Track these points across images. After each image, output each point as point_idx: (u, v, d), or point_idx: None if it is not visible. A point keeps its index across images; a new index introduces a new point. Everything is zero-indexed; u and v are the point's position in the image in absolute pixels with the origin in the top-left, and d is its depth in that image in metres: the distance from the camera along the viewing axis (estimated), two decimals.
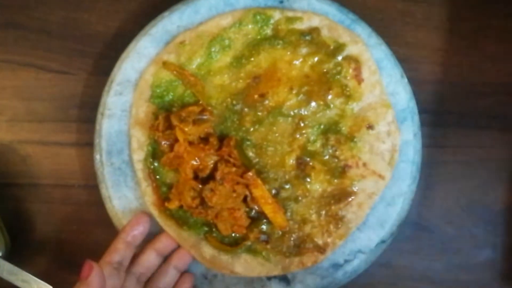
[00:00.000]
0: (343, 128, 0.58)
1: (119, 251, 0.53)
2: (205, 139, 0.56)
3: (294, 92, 0.58)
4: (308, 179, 0.57)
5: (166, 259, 0.57)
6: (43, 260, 0.61)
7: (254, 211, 0.56)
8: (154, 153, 0.57)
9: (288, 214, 0.57)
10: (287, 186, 0.57)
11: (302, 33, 0.58)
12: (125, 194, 0.58)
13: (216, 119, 0.57)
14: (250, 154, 0.57)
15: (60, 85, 0.62)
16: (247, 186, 0.55)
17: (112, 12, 0.62)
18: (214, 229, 0.57)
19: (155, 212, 0.57)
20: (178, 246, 0.57)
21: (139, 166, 0.57)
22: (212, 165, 0.55)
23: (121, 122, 0.58)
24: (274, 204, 0.55)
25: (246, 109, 0.57)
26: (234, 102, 0.58)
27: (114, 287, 0.52)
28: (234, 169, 0.55)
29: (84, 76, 0.62)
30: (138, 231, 0.55)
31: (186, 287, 0.56)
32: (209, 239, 0.57)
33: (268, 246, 0.56)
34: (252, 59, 0.58)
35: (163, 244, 0.56)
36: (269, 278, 0.58)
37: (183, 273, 0.57)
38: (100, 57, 0.62)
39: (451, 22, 0.64)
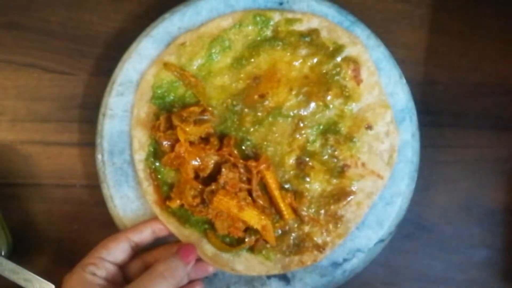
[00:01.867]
0: (342, 129, 0.58)
1: (143, 234, 0.55)
2: (205, 139, 0.57)
3: (293, 92, 0.58)
4: (308, 179, 0.58)
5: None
6: (45, 259, 0.61)
7: None
8: (155, 153, 0.57)
9: None
10: (286, 186, 0.58)
11: (302, 35, 0.58)
12: (126, 193, 0.58)
13: (216, 119, 0.58)
14: (250, 154, 0.58)
15: (61, 85, 0.62)
16: (249, 192, 0.56)
17: (113, 13, 0.62)
18: (213, 229, 0.57)
19: (156, 210, 0.57)
20: (199, 258, 0.56)
21: (140, 166, 0.57)
22: (212, 165, 0.56)
23: (122, 122, 0.58)
24: (266, 221, 0.56)
25: (246, 110, 0.58)
26: (234, 102, 0.58)
27: (123, 261, 0.54)
28: (238, 174, 0.55)
29: (86, 77, 0.62)
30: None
31: None
32: (209, 236, 0.57)
33: (268, 245, 0.57)
34: (252, 60, 0.58)
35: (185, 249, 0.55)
36: (269, 277, 0.58)
37: (193, 280, 0.57)
38: (102, 58, 0.62)
39: (449, 23, 0.64)
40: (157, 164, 0.57)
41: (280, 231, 0.57)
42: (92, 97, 0.61)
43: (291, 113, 0.58)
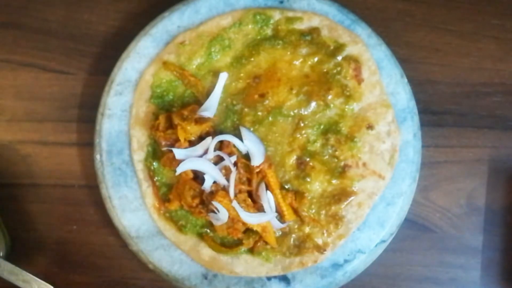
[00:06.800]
0: (343, 128, 0.58)
1: None
2: (203, 139, 0.57)
3: (294, 92, 0.58)
4: (308, 179, 0.57)
5: None
6: (43, 260, 0.61)
7: None
8: (154, 154, 0.57)
9: None
10: (287, 186, 0.57)
11: (302, 33, 0.58)
12: (125, 194, 0.58)
13: (216, 119, 0.57)
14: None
15: (60, 85, 0.62)
16: (249, 193, 0.55)
17: (112, 12, 0.62)
18: (212, 230, 0.57)
19: (154, 216, 0.57)
20: None
21: (139, 166, 0.57)
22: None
23: (121, 122, 0.58)
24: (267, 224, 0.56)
25: (246, 109, 0.58)
26: (234, 102, 0.58)
27: None
28: (238, 175, 0.55)
29: (84, 76, 0.62)
30: None
31: None
32: (206, 239, 0.57)
33: (268, 247, 0.56)
34: (252, 59, 0.58)
35: None
36: (269, 278, 0.58)
37: None
38: (100, 57, 0.62)
39: (450, 22, 0.64)
40: (156, 164, 0.57)
41: (280, 232, 0.57)
42: (91, 96, 0.61)
43: (292, 113, 0.58)
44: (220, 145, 0.56)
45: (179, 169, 0.55)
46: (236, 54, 0.58)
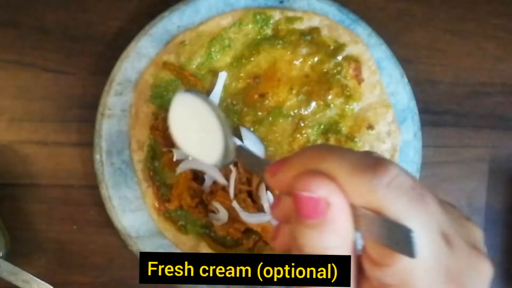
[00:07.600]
0: (343, 128, 0.58)
1: None
2: None
3: (294, 92, 0.58)
4: None
5: None
6: (43, 260, 0.61)
7: None
8: (154, 154, 0.57)
9: None
10: None
11: (302, 33, 0.58)
12: (125, 194, 0.58)
13: None
14: None
15: (60, 85, 0.62)
16: (249, 193, 0.55)
17: (112, 12, 0.62)
18: (212, 230, 0.57)
19: (154, 216, 0.57)
20: None
21: (139, 166, 0.57)
22: None
23: (121, 122, 0.58)
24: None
25: (246, 109, 0.57)
26: (234, 102, 0.58)
27: None
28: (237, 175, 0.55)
29: (84, 76, 0.62)
30: None
31: None
32: (205, 239, 0.57)
33: (268, 247, 0.56)
34: (252, 59, 0.58)
35: None
36: None
37: None
38: (100, 57, 0.62)
39: (451, 22, 0.64)
40: (156, 164, 0.57)
41: None
42: (91, 96, 0.61)
43: (292, 113, 0.58)
44: None
45: (179, 169, 0.55)
46: (236, 54, 0.58)
